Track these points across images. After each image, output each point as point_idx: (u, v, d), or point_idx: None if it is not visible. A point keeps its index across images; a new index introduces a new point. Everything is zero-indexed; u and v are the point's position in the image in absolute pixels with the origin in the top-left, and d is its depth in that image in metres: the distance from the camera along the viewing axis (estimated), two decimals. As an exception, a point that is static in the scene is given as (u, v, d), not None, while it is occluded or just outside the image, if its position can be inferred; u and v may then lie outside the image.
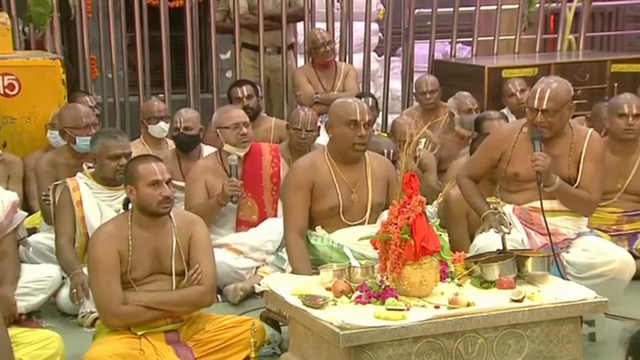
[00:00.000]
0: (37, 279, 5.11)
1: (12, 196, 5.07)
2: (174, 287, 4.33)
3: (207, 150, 6.46)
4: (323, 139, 6.70)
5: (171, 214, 4.39)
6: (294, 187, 4.79)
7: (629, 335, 2.49)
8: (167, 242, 4.34)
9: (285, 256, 4.96)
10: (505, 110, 7.33)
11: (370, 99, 7.21)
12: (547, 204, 4.85)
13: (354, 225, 4.81)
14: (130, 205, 4.38)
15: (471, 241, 5.39)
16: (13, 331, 4.11)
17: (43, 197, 5.59)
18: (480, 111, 7.09)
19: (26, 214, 5.31)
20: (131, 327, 4.27)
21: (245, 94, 7.07)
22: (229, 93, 7.24)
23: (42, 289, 5.10)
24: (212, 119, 6.12)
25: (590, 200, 4.95)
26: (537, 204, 4.85)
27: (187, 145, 6.40)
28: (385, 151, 5.58)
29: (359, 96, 6.55)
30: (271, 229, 5.55)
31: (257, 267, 5.53)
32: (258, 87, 7.43)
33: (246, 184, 5.72)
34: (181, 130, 6.36)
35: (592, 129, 5.10)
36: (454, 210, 5.51)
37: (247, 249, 5.56)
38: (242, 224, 5.72)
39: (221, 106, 7.92)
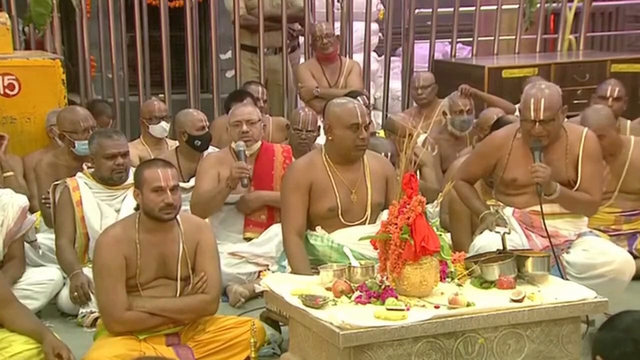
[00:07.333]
0: (39, 281, 5.08)
1: (22, 201, 5.01)
2: (178, 293, 4.33)
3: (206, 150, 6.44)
4: (323, 139, 6.69)
5: (178, 218, 4.38)
6: (292, 187, 4.76)
7: (593, 338, 2.55)
8: (174, 247, 4.33)
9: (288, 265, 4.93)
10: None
11: (364, 97, 7.14)
12: (548, 207, 4.83)
13: (354, 225, 4.78)
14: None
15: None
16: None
17: (43, 200, 5.57)
18: (473, 112, 7.06)
19: (35, 219, 5.29)
20: (134, 332, 4.26)
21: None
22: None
23: (43, 292, 5.07)
24: (212, 119, 6.07)
25: (591, 202, 4.93)
26: (537, 207, 4.82)
27: (208, 144, 6.31)
28: (383, 154, 5.58)
29: (352, 95, 6.52)
30: (274, 239, 5.50)
31: (260, 272, 5.45)
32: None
33: (257, 184, 5.70)
34: (207, 129, 6.28)
35: (586, 128, 5.02)
36: (458, 209, 5.50)
37: (250, 255, 5.55)
38: (251, 224, 5.70)
39: (221, 106, 7.94)
